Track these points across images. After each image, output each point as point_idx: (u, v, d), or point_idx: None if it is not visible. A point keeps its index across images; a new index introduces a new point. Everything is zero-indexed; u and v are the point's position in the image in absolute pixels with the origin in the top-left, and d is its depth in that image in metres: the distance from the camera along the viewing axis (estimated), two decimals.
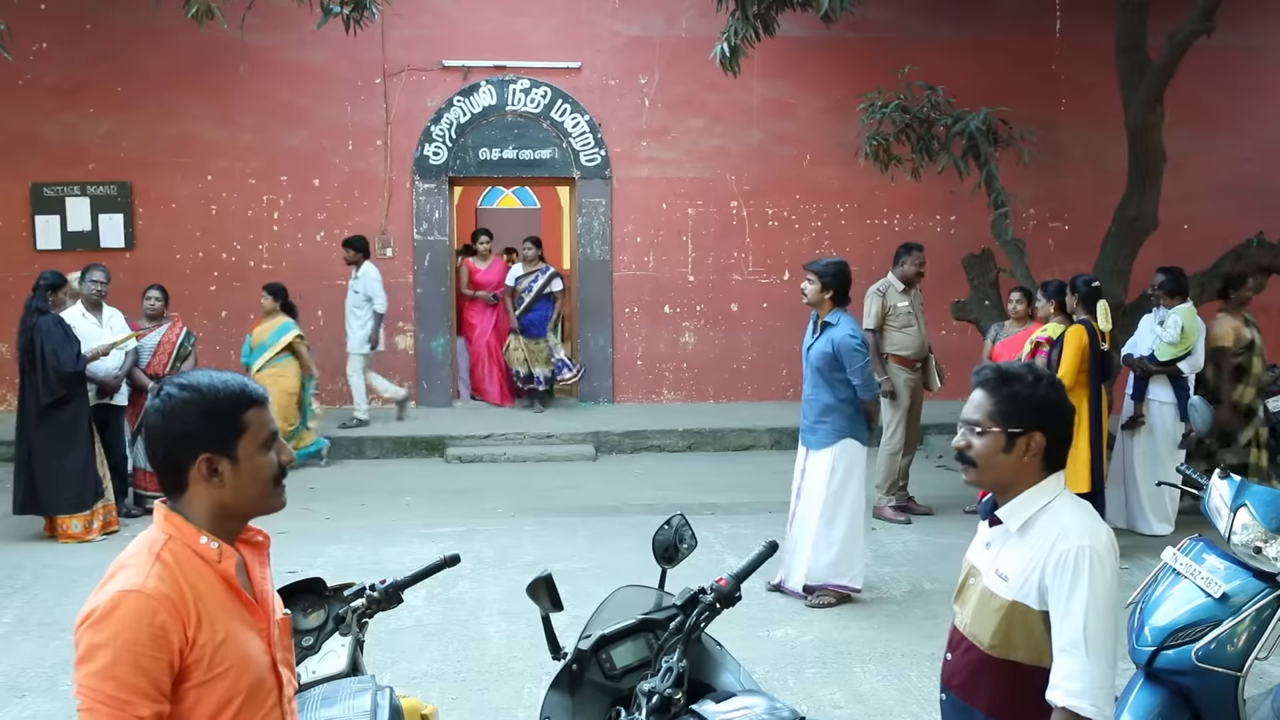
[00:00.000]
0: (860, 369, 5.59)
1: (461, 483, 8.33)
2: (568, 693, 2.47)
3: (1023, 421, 2.29)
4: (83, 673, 1.72)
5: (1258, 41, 10.87)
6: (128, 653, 1.71)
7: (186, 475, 1.85)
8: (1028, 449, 2.29)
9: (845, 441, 5.67)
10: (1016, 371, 2.35)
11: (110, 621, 1.72)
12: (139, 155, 10.09)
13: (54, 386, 6.73)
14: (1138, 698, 3.44)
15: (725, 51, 7.42)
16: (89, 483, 6.86)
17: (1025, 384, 2.31)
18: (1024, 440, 2.29)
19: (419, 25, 10.19)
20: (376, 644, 4.56)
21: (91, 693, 1.71)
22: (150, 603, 1.74)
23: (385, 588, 2.79)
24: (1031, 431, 2.29)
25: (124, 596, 1.73)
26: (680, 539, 2.70)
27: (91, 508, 6.87)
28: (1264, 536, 3.42)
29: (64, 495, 6.78)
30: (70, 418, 6.83)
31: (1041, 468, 2.32)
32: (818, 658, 5.00)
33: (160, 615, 1.74)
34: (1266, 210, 9.96)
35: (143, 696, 1.72)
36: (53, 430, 6.80)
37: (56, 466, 6.76)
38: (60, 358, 6.71)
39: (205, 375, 1.89)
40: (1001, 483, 2.34)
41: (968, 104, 7.90)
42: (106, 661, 1.71)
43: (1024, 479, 2.32)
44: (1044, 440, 2.30)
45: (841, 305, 5.71)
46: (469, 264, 10.69)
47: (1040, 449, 2.30)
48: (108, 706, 1.70)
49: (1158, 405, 6.98)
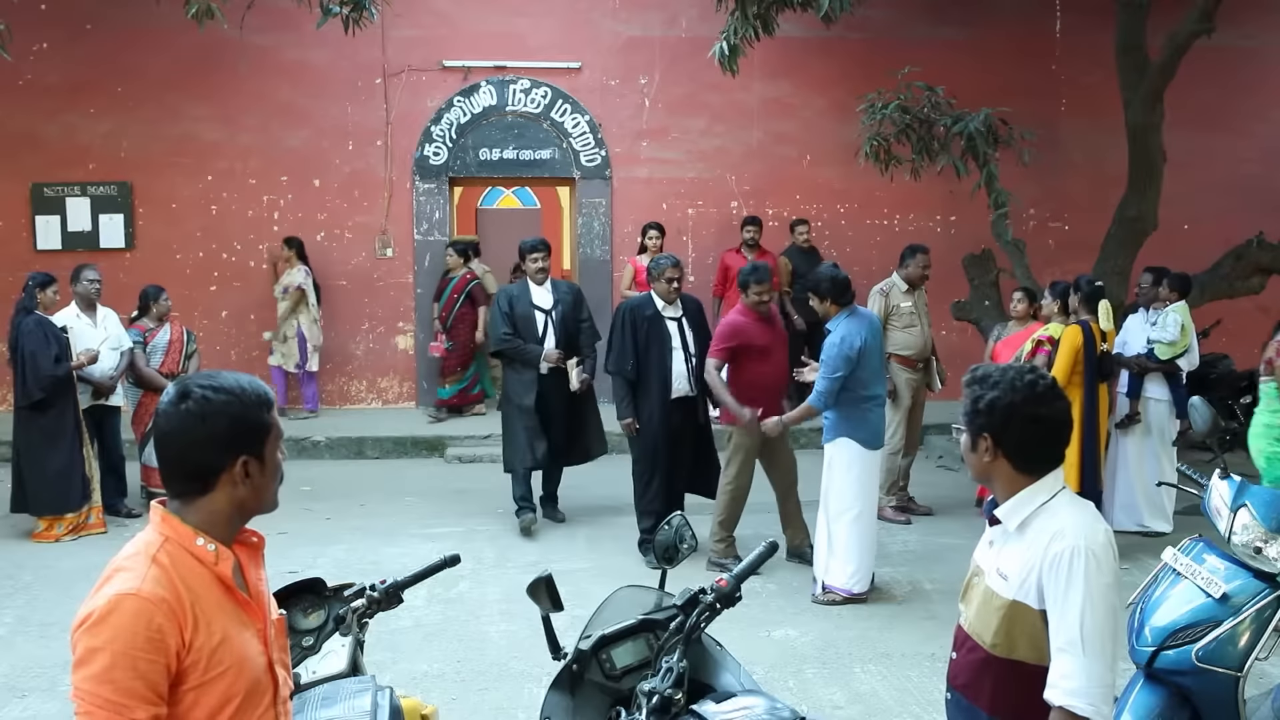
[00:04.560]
0: (825, 375, 5.56)
1: (461, 483, 8.33)
2: (568, 693, 2.47)
3: (974, 423, 2.35)
4: (80, 676, 1.72)
5: (1258, 41, 10.88)
6: (125, 656, 1.71)
7: (218, 477, 1.85)
8: (985, 449, 2.34)
9: (841, 440, 5.67)
10: (984, 374, 2.38)
11: (107, 625, 1.72)
12: (139, 155, 10.09)
13: (31, 389, 6.72)
14: (1138, 698, 3.44)
15: (724, 51, 7.42)
16: (74, 485, 6.81)
17: (985, 386, 2.34)
18: (981, 441, 2.34)
19: (419, 25, 10.19)
20: (376, 644, 4.56)
21: (89, 696, 1.71)
22: (147, 606, 1.74)
23: (385, 588, 2.79)
24: (982, 433, 2.33)
25: (121, 600, 1.73)
26: (680, 539, 2.70)
27: (78, 509, 6.85)
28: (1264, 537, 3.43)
29: (47, 496, 6.78)
30: (53, 420, 6.80)
31: (1012, 469, 2.33)
32: (818, 658, 5.00)
33: (157, 618, 1.74)
34: (1266, 210, 9.96)
35: (140, 700, 1.72)
36: (36, 432, 6.80)
37: (40, 468, 6.76)
38: (38, 360, 6.69)
39: (230, 377, 1.90)
40: (982, 479, 2.41)
41: (968, 104, 7.90)
42: (104, 665, 1.70)
43: (995, 477, 2.36)
44: (991, 442, 2.32)
45: (845, 306, 5.72)
46: (635, 262, 9.76)
47: (993, 450, 2.33)
48: (105, 710, 1.70)
49: (1153, 403, 6.99)
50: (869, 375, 5.65)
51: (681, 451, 6.39)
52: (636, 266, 9.62)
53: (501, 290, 7.29)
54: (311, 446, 9.20)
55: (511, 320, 6.90)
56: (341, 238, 10.35)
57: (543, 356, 6.80)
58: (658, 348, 6.29)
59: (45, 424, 6.80)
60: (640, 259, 9.67)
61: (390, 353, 10.54)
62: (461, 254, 9.87)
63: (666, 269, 6.38)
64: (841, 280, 5.72)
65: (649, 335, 6.30)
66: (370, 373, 10.55)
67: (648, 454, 6.33)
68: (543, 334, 6.89)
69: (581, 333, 7.05)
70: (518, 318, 6.92)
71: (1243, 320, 9.78)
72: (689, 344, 6.34)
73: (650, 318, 6.33)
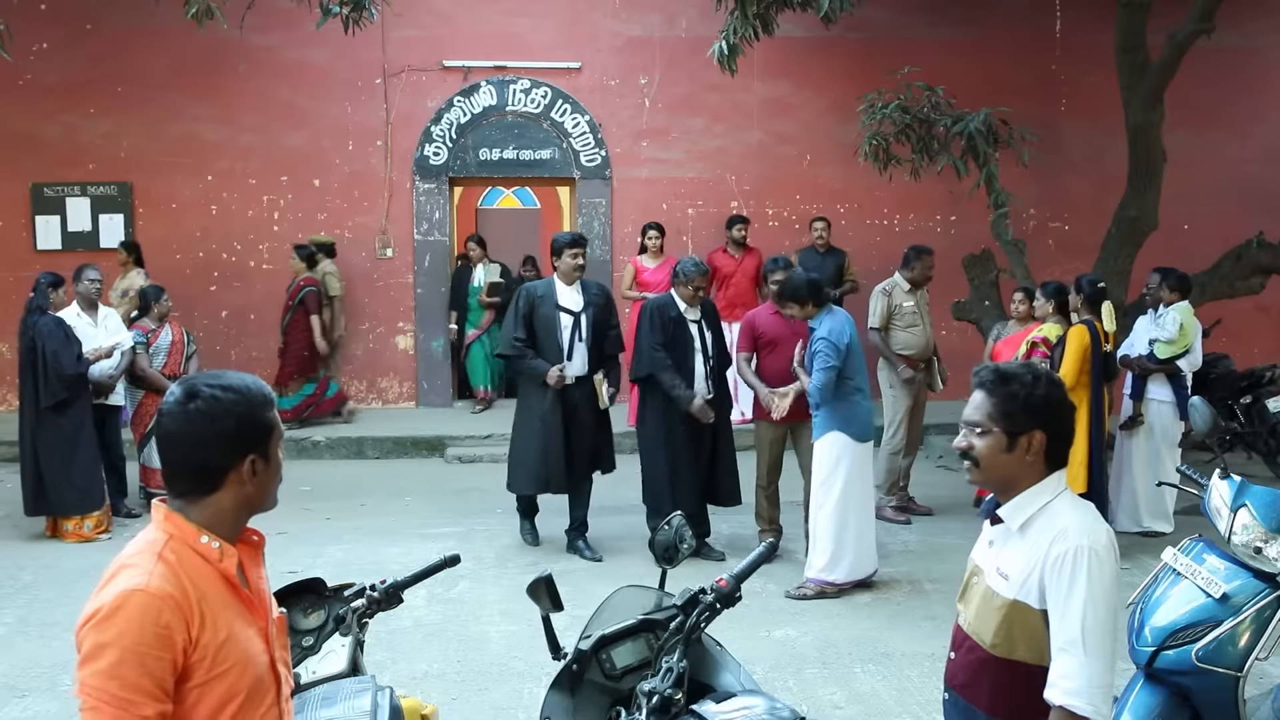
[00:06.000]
0: (821, 370, 5.63)
1: (461, 483, 8.33)
2: (568, 693, 2.47)
3: (1022, 421, 2.30)
4: (87, 671, 1.72)
5: (1258, 41, 10.87)
6: (133, 652, 1.71)
7: (226, 476, 1.86)
8: (1029, 448, 2.30)
9: (832, 434, 5.72)
10: (1015, 371, 2.35)
11: (115, 620, 1.72)
12: (139, 155, 10.09)
13: (55, 388, 6.73)
14: (1138, 698, 3.44)
15: (723, 50, 7.42)
16: (96, 482, 6.87)
17: (1024, 383, 2.31)
18: (1025, 439, 2.30)
19: (419, 25, 10.19)
20: (376, 644, 4.56)
21: (95, 692, 1.71)
22: (155, 602, 1.74)
23: (385, 588, 2.79)
24: (1031, 430, 2.30)
25: (129, 596, 1.74)
26: (680, 539, 2.70)
27: (100, 507, 6.89)
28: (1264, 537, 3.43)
29: (73, 496, 6.78)
30: (74, 418, 6.83)
31: (1043, 466, 2.33)
32: (818, 658, 5.00)
33: (165, 614, 1.74)
34: (1266, 210, 9.96)
35: (146, 696, 1.72)
36: (58, 431, 6.80)
37: (65, 467, 6.76)
38: (61, 359, 6.71)
39: (235, 376, 1.92)
40: (1004, 481, 2.35)
41: (968, 104, 7.90)
42: (111, 661, 1.71)
43: (1026, 478, 2.33)
44: (1044, 438, 2.30)
45: (823, 306, 5.84)
46: (636, 263, 9.69)
47: (1041, 447, 2.30)
48: (111, 706, 1.70)
49: (1156, 404, 6.98)
50: (855, 366, 5.80)
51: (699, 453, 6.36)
52: (638, 266, 9.61)
53: (523, 289, 6.50)
54: (311, 446, 9.20)
55: (529, 323, 6.29)
56: (341, 238, 10.34)
57: (546, 377, 6.18)
58: (681, 349, 6.26)
59: (65, 424, 6.81)
60: (640, 259, 9.65)
61: (390, 353, 10.54)
62: (306, 258, 9.59)
63: (695, 278, 6.29)
64: (818, 282, 5.96)
65: (674, 336, 6.26)
66: (370, 373, 10.55)
67: (668, 455, 6.27)
68: (568, 340, 6.26)
69: (608, 340, 6.46)
70: (538, 320, 6.27)
71: (1243, 320, 9.80)
72: (708, 347, 6.36)
73: (675, 319, 6.29)
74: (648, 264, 9.54)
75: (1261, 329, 10.68)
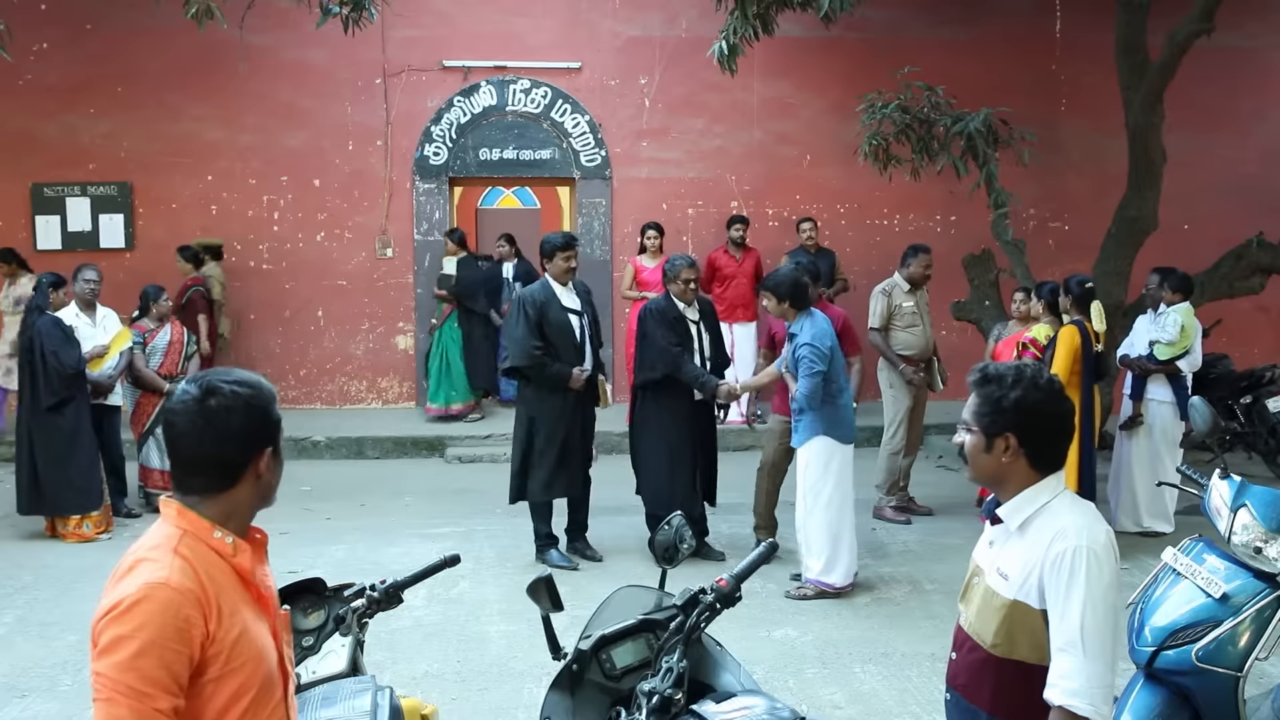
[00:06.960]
0: (807, 376, 5.58)
1: (461, 483, 8.33)
2: (568, 693, 2.47)
3: (995, 423, 2.32)
4: (104, 663, 1.72)
5: (1258, 41, 10.87)
6: (153, 645, 1.72)
7: (243, 471, 1.88)
8: (1005, 449, 2.32)
9: (818, 439, 5.69)
10: (998, 373, 2.36)
11: (136, 613, 1.73)
12: (139, 155, 10.09)
13: (56, 387, 6.73)
14: (1138, 698, 3.44)
15: (723, 50, 7.42)
16: (95, 483, 6.87)
17: (1003, 385, 2.32)
18: (1001, 441, 2.32)
19: (419, 25, 10.19)
20: (376, 644, 4.56)
21: (111, 683, 1.71)
22: (176, 596, 1.75)
23: (385, 588, 2.79)
24: (1005, 433, 2.31)
25: (152, 589, 1.75)
26: (680, 539, 2.70)
27: (99, 507, 6.89)
28: (1264, 537, 3.43)
29: (72, 496, 6.78)
30: (73, 418, 6.83)
31: (1030, 467, 2.33)
32: (818, 658, 5.00)
33: (185, 609, 1.75)
34: (1266, 210, 9.96)
35: (162, 690, 1.72)
36: (57, 431, 6.80)
37: (64, 467, 6.76)
38: (61, 358, 6.71)
39: (243, 373, 1.95)
40: (991, 480, 2.38)
41: (968, 104, 7.90)
42: (131, 653, 1.71)
43: (1010, 478, 2.34)
44: (1016, 442, 2.31)
45: (803, 310, 5.79)
46: (636, 263, 9.63)
47: (1015, 450, 2.31)
48: (127, 698, 1.70)
49: (1156, 405, 6.97)
50: (837, 369, 5.78)
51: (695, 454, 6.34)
52: (637, 266, 9.60)
53: (521, 296, 6.28)
54: (311, 446, 9.20)
55: (542, 331, 6.08)
56: (341, 238, 10.35)
57: (571, 380, 6.08)
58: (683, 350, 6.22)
59: (67, 422, 6.81)
60: (640, 259, 9.65)
61: (390, 353, 10.54)
62: (191, 259, 9.41)
63: (682, 270, 6.22)
64: (803, 285, 5.84)
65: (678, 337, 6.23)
66: (370, 373, 10.55)
67: (672, 455, 6.23)
68: (580, 342, 6.20)
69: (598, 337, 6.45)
70: (552, 327, 6.08)
71: (1243, 320, 9.80)
72: (705, 347, 6.33)
73: (676, 320, 6.24)
74: (647, 264, 9.51)
75: (1261, 329, 10.68)
